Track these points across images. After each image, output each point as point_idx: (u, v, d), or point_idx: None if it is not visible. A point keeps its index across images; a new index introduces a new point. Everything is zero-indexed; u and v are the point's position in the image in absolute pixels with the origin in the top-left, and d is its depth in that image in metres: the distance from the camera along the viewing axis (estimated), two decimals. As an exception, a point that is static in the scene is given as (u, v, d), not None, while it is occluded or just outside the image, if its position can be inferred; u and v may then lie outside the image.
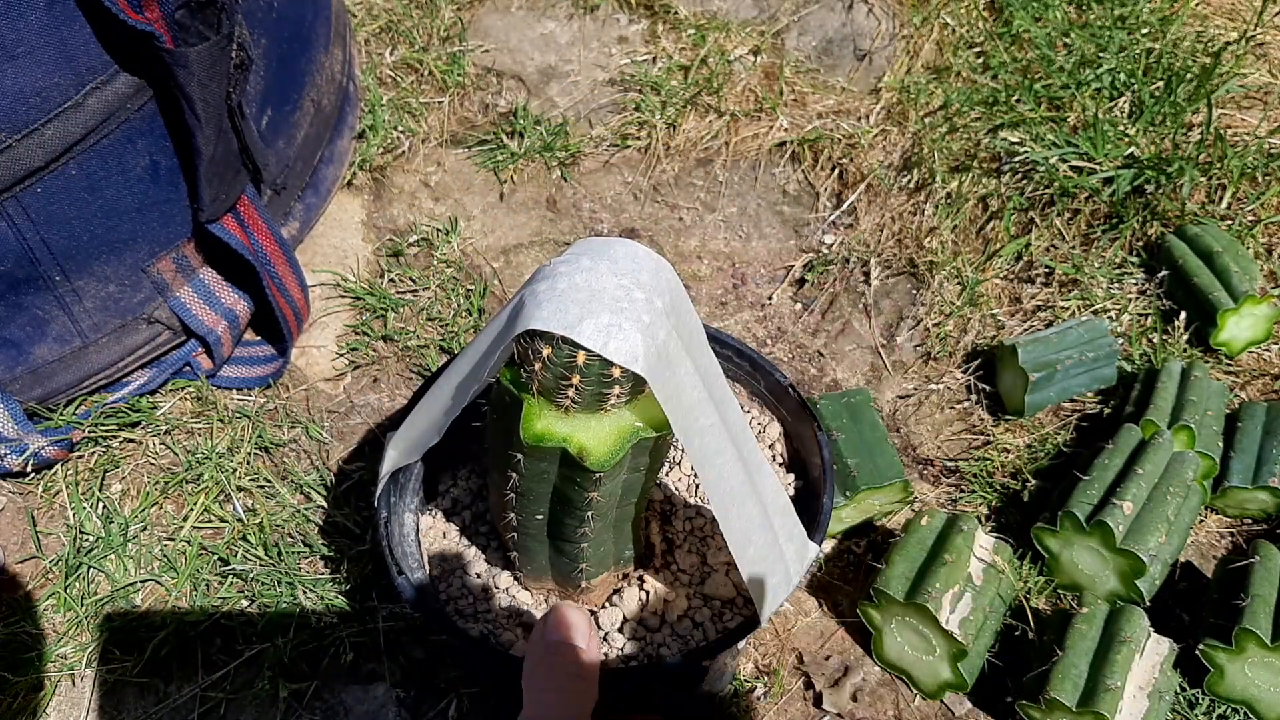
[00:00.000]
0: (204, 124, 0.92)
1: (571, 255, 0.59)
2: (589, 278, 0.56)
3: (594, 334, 0.54)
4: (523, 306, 0.57)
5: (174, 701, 0.96)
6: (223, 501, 1.09)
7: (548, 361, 0.57)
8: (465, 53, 1.54)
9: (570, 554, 0.75)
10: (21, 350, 1.02)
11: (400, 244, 1.33)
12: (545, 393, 0.60)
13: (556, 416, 0.61)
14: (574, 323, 0.54)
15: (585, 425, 0.61)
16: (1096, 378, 1.17)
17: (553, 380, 0.58)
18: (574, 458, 0.61)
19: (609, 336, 0.55)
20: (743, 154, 1.46)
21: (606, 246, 0.59)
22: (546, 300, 0.55)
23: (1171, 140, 1.33)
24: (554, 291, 0.56)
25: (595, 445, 0.61)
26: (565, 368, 0.57)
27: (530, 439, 0.60)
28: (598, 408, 0.61)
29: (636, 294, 0.57)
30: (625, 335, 0.55)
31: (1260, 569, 0.94)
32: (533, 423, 0.61)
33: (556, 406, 0.60)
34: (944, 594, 0.90)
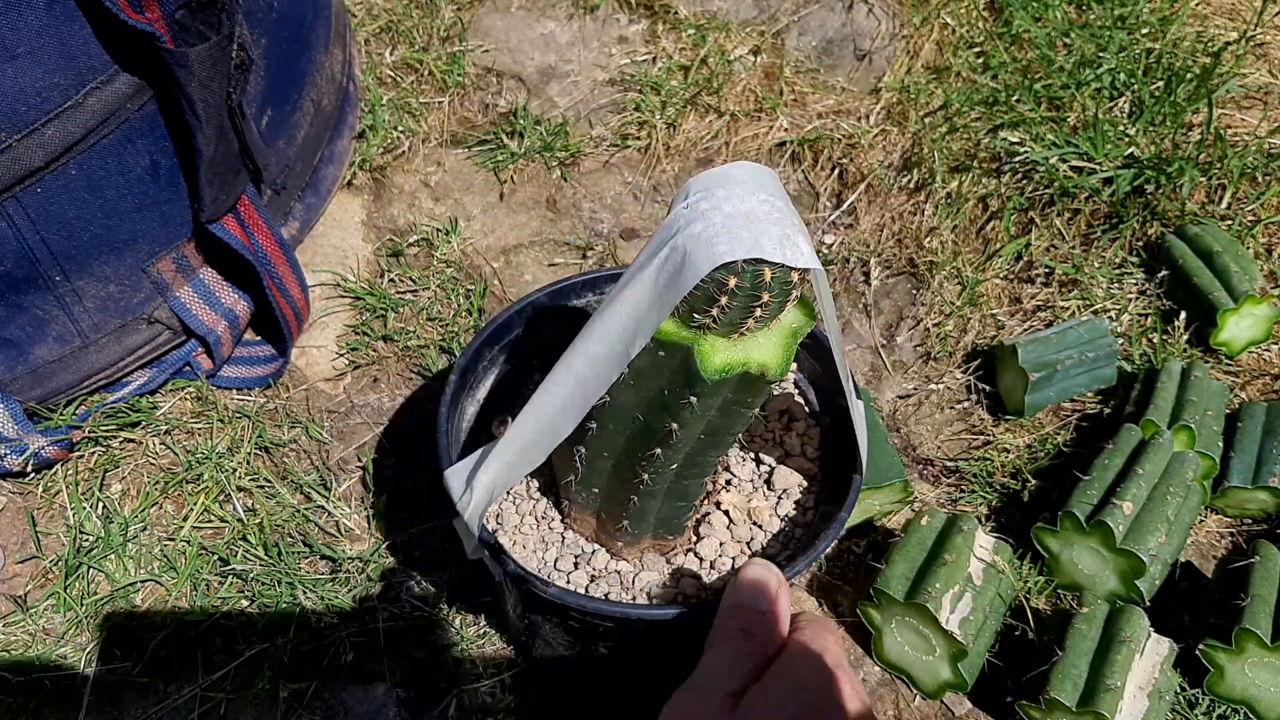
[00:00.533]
0: (204, 124, 0.92)
1: (702, 191, 0.59)
2: (735, 204, 0.57)
3: (774, 248, 0.56)
4: (689, 253, 0.56)
5: (174, 701, 0.96)
6: (223, 501, 1.09)
7: (735, 291, 0.57)
8: (465, 53, 1.54)
9: (691, 493, 0.76)
10: (21, 350, 1.02)
11: (400, 244, 1.33)
12: (728, 324, 0.60)
13: (729, 346, 0.62)
14: (754, 244, 0.55)
15: (755, 344, 0.63)
16: (1096, 378, 1.17)
17: (742, 306, 0.59)
18: (754, 377, 0.63)
19: (785, 246, 0.56)
20: (743, 154, 1.46)
21: (728, 174, 0.59)
22: (715, 235, 0.56)
23: (1171, 140, 1.34)
24: (715, 226, 0.56)
25: (771, 357, 0.63)
26: (754, 289, 0.57)
27: (715, 374, 0.62)
28: (776, 319, 0.62)
29: (778, 203, 0.58)
30: (795, 242, 0.57)
31: (1260, 569, 0.94)
32: (711, 359, 0.62)
33: (731, 336, 0.62)
34: (944, 594, 0.90)
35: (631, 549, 0.83)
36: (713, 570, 0.85)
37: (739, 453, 0.91)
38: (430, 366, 1.22)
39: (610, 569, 0.84)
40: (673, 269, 0.58)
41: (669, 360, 0.63)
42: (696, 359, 0.61)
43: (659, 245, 0.59)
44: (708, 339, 0.62)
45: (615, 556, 0.85)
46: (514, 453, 0.71)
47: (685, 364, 0.63)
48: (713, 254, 0.55)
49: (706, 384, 0.62)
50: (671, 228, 0.58)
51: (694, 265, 0.56)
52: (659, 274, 0.59)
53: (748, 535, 0.86)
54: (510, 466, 0.71)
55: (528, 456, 0.69)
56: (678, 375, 0.64)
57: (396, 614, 1.01)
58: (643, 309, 0.60)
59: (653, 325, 0.60)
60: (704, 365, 0.61)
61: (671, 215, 0.59)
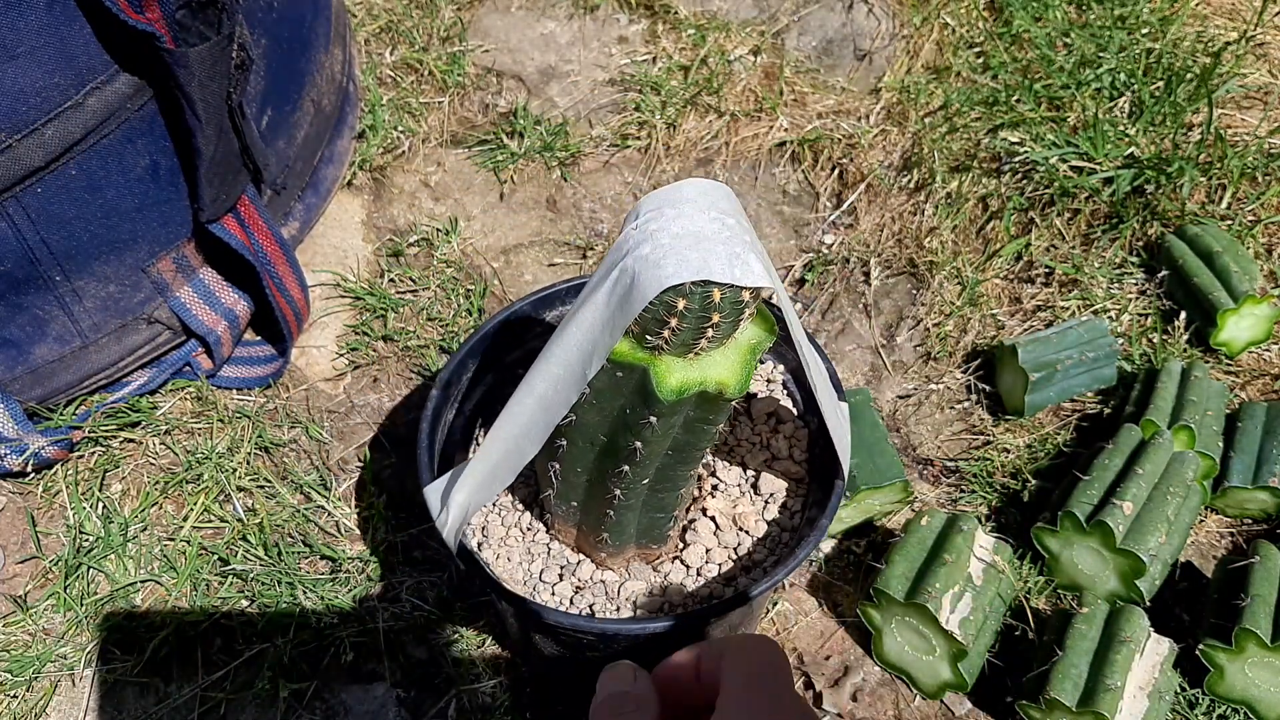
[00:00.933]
0: (205, 124, 0.92)
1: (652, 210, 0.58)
2: (683, 224, 0.57)
3: (723, 269, 0.55)
4: (637, 275, 0.56)
5: (174, 701, 0.96)
6: (223, 501, 1.09)
7: (684, 313, 0.57)
8: (465, 53, 1.54)
9: (668, 505, 0.76)
10: (22, 350, 1.02)
11: (400, 244, 1.33)
12: (680, 345, 0.60)
13: (686, 366, 0.62)
14: (701, 266, 0.55)
15: (712, 363, 0.63)
16: (1096, 378, 1.17)
17: (692, 328, 0.59)
18: (713, 396, 0.63)
19: (734, 265, 0.56)
20: (743, 154, 1.46)
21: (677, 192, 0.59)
22: (662, 257, 0.55)
23: (1171, 140, 1.33)
24: (663, 247, 0.56)
25: (729, 375, 0.63)
26: (704, 310, 0.57)
27: (671, 395, 0.61)
28: (729, 338, 0.62)
29: (729, 221, 0.58)
30: (745, 260, 0.56)
31: (1260, 569, 0.94)
32: (667, 380, 0.62)
33: (686, 356, 0.62)
34: (944, 594, 0.90)
35: (616, 559, 0.83)
36: (699, 576, 0.84)
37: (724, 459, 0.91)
38: (430, 366, 1.22)
39: (596, 579, 0.84)
40: (622, 291, 0.58)
41: (627, 380, 0.63)
42: (652, 380, 0.61)
43: (610, 266, 0.58)
44: (663, 359, 0.61)
45: (600, 566, 0.84)
46: (484, 472, 0.72)
47: (642, 384, 0.62)
48: (660, 276, 0.55)
49: (663, 404, 0.62)
50: (621, 248, 0.58)
51: (642, 288, 0.56)
52: (610, 296, 0.59)
53: (734, 541, 0.86)
54: (481, 486, 0.72)
55: (498, 475, 0.70)
56: (636, 395, 0.64)
57: (396, 614, 1.01)
58: (596, 330, 0.60)
59: (606, 347, 0.60)
60: (660, 386, 0.61)
61: (622, 235, 0.59)
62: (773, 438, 0.92)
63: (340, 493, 1.11)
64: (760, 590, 0.76)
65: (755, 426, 0.93)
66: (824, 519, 0.79)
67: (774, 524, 0.87)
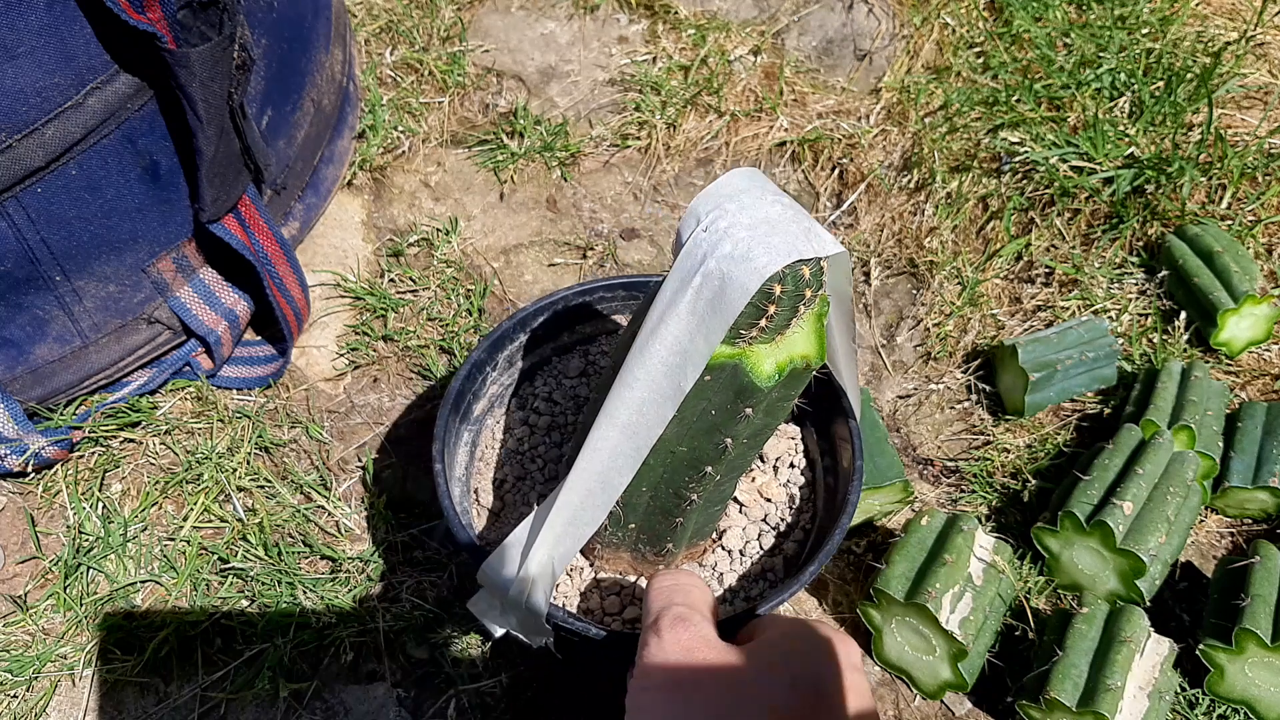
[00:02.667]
0: (206, 124, 0.92)
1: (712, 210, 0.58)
2: (751, 214, 0.57)
3: (806, 245, 0.56)
4: (727, 275, 0.55)
5: (174, 701, 0.96)
6: (223, 501, 1.09)
7: (781, 297, 0.57)
8: (465, 53, 1.54)
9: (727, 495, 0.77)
10: (21, 350, 1.02)
11: (400, 244, 1.33)
12: (774, 331, 0.61)
13: (772, 351, 0.62)
14: (789, 248, 0.55)
15: (790, 343, 0.63)
16: (1096, 378, 1.17)
17: (788, 308, 0.59)
18: (800, 371, 0.63)
19: (812, 240, 0.56)
20: (743, 154, 1.46)
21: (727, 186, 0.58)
22: (749, 251, 0.55)
23: (1171, 140, 1.34)
24: (744, 241, 0.56)
25: (808, 347, 0.63)
26: (797, 289, 0.57)
27: (769, 381, 0.62)
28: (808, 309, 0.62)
29: (784, 199, 0.58)
30: (817, 232, 0.57)
31: (1260, 569, 0.94)
32: (761, 368, 0.62)
33: (774, 340, 0.62)
34: (944, 594, 0.90)
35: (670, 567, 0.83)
36: (744, 557, 0.85)
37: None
38: (430, 366, 1.22)
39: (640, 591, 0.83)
40: (711, 295, 0.56)
41: (714, 382, 0.62)
42: (748, 372, 0.61)
43: (688, 274, 0.57)
44: (753, 349, 0.61)
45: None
46: (566, 519, 0.66)
47: (734, 380, 0.62)
48: (755, 268, 0.55)
49: (762, 392, 0.62)
50: (696, 254, 0.57)
51: (739, 285, 0.55)
52: (696, 303, 0.57)
53: (761, 513, 0.87)
54: (568, 536, 0.66)
55: (584, 519, 0.65)
56: (727, 393, 0.63)
57: (396, 614, 1.01)
58: (685, 341, 0.58)
59: (703, 356, 0.58)
60: (757, 375, 0.61)
61: (691, 241, 0.57)
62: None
63: (340, 493, 1.11)
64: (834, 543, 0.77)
65: None
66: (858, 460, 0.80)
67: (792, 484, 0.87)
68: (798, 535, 0.86)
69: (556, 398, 0.96)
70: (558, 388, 0.97)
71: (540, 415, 0.95)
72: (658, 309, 0.59)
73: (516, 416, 0.95)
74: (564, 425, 0.95)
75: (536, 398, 0.96)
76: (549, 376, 0.98)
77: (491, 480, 0.92)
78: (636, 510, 0.74)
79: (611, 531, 0.78)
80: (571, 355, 0.99)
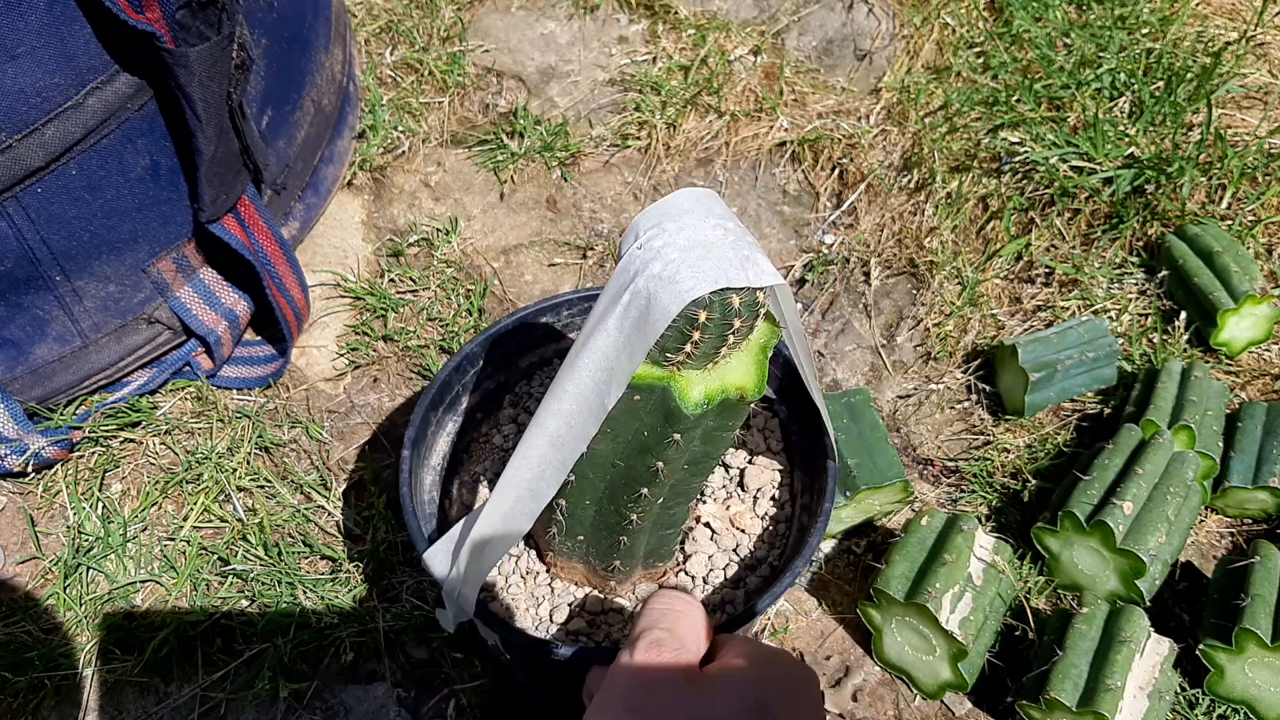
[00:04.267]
0: (205, 124, 0.92)
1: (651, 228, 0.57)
2: (689, 235, 0.56)
3: (738, 272, 0.55)
4: (653, 296, 0.55)
5: (174, 701, 0.96)
6: (223, 501, 1.09)
7: (706, 324, 0.56)
8: (465, 53, 1.54)
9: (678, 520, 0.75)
10: (22, 350, 1.02)
11: (400, 244, 1.33)
12: (701, 357, 0.59)
13: (704, 378, 0.61)
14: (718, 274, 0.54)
15: (729, 370, 0.62)
16: (1096, 378, 1.17)
17: (715, 336, 0.58)
18: (734, 402, 0.62)
19: (747, 268, 0.55)
20: (743, 154, 1.46)
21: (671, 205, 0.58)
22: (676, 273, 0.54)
23: (1171, 140, 1.33)
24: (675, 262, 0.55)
25: (747, 378, 0.62)
26: (724, 318, 0.56)
27: (697, 408, 0.61)
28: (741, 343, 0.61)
29: (729, 225, 0.57)
30: (755, 261, 0.56)
31: (1260, 569, 0.94)
32: (690, 394, 0.61)
33: (705, 366, 0.61)
34: (944, 594, 0.90)
35: (624, 585, 0.82)
36: (706, 585, 0.84)
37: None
38: (430, 366, 1.22)
39: (608, 608, 0.83)
40: (638, 314, 0.56)
41: (645, 403, 0.62)
42: (675, 397, 0.60)
43: (619, 290, 0.57)
44: (683, 374, 0.61)
45: (609, 595, 0.83)
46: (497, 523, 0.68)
47: (663, 403, 0.61)
48: (679, 291, 0.54)
49: (689, 419, 0.61)
50: (629, 271, 0.56)
51: (661, 306, 0.54)
52: (624, 320, 0.57)
53: (733, 542, 0.85)
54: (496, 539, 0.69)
55: (512, 525, 0.67)
56: (656, 416, 0.63)
57: (396, 614, 1.01)
58: (611, 358, 0.58)
59: (626, 373, 0.58)
60: (684, 401, 0.60)
61: (626, 258, 0.57)
62: (745, 434, 0.91)
63: (340, 493, 1.11)
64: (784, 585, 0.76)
65: None
66: (825, 503, 0.78)
67: (768, 518, 0.86)
68: (764, 570, 0.84)
69: None
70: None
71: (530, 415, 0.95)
72: (590, 322, 0.59)
73: (507, 414, 0.95)
74: None
75: (530, 398, 0.96)
76: (546, 378, 0.98)
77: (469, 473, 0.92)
78: (583, 524, 0.74)
79: (561, 541, 0.78)
80: None
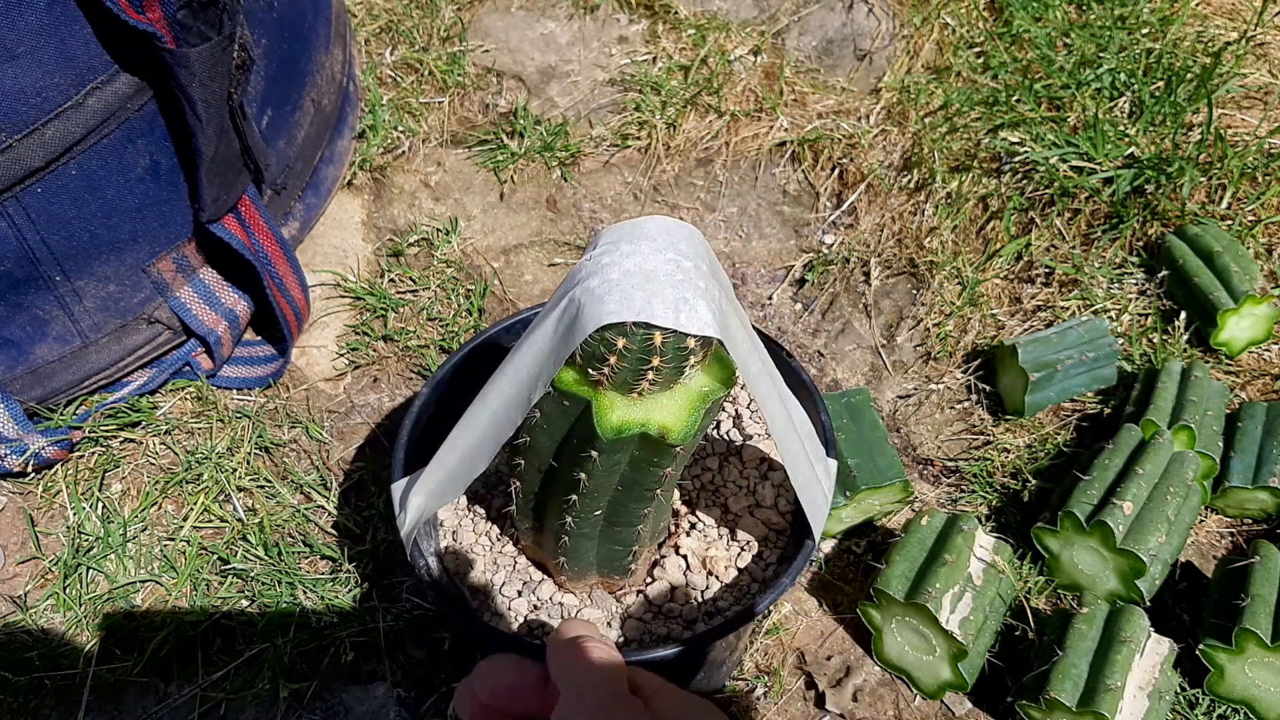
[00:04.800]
0: (206, 124, 0.92)
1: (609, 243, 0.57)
2: (637, 261, 0.56)
3: (666, 312, 0.54)
4: (581, 307, 0.55)
5: (174, 701, 0.96)
6: (223, 501, 1.09)
7: (623, 352, 0.56)
8: (465, 53, 1.54)
9: (625, 540, 0.75)
10: (22, 350, 1.02)
11: (400, 244, 1.33)
12: (620, 384, 0.59)
13: (629, 404, 0.61)
14: (643, 306, 0.54)
15: (658, 405, 0.61)
16: (1096, 378, 1.17)
17: (631, 368, 0.58)
18: (655, 439, 0.61)
19: (679, 311, 0.55)
20: (743, 154, 1.46)
21: (638, 227, 0.58)
22: (607, 293, 0.55)
23: (1171, 140, 1.34)
24: (610, 283, 0.55)
25: (674, 420, 0.61)
26: (643, 352, 0.56)
27: (610, 432, 0.60)
28: (674, 383, 0.61)
29: (685, 264, 0.57)
30: (693, 306, 0.55)
31: (1260, 569, 0.94)
32: (608, 416, 0.60)
33: (629, 394, 0.60)
34: (944, 594, 0.90)
35: (576, 583, 0.82)
36: (660, 615, 0.83)
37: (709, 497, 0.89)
38: (431, 367, 1.22)
39: (555, 600, 0.83)
40: (568, 321, 0.57)
41: (573, 410, 0.62)
42: (593, 415, 0.60)
43: (564, 293, 0.58)
44: (606, 395, 0.61)
45: (562, 589, 0.83)
46: (438, 480, 0.71)
47: (585, 417, 0.61)
48: (600, 312, 0.54)
49: (600, 440, 0.61)
50: (574, 277, 0.57)
51: (583, 321, 0.55)
52: (558, 324, 0.58)
53: (702, 584, 0.84)
54: (434, 494, 0.71)
55: (450, 485, 0.70)
56: (580, 427, 0.63)
57: (397, 614, 1.01)
58: (543, 356, 0.60)
59: (550, 375, 0.59)
60: (600, 422, 0.60)
61: (579, 264, 0.58)
62: (760, 484, 0.90)
63: (340, 492, 1.11)
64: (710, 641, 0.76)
65: (744, 470, 0.92)
66: (785, 578, 0.77)
67: (745, 572, 0.85)
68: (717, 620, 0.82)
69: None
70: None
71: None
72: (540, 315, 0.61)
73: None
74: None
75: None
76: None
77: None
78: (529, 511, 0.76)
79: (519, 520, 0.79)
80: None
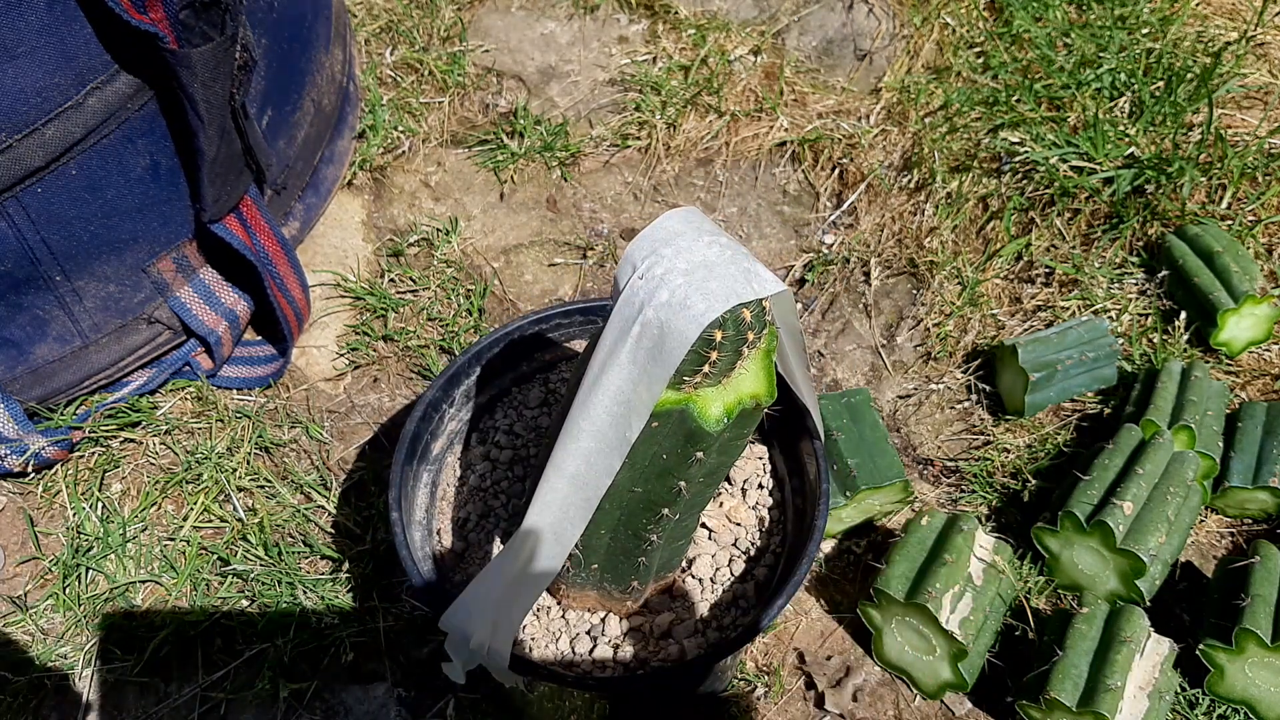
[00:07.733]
0: (207, 125, 0.92)
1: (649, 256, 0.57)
2: (687, 257, 0.56)
3: (745, 287, 0.55)
4: (665, 324, 0.54)
5: (174, 701, 0.96)
6: (223, 501, 1.09)
7: (722, 342, 0.57)
8: (465, 53, 1.54)
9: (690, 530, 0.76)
10: (22, 350, 1.02)
11: (400, 244, 1.33)
12: (719, 375, 0.60)
13: (720, 392, 0.62)
14: (728, 293, 0.54)
15: (740, 381, 0.62)
16: (1096, 378, 1.17)
17: (731, 352, 0.58)
18: (751, 409, 0.62)
19: (752, 281, 0.55)
20: (743, 154, 1.46)
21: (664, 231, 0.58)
22: (686, 298, 0.54)
23: (1171, 140, 1.34)
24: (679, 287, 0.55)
25: (760, 385, 0.63)
26: (738, 333, 0.57)
27: (717, 424, 0.61)
28: (751, 352, 0.61)
29: (722, 240, 0.57)
30: (756, 271, 0.56)
31: (1260, 569, 0.94)
32: (709, 412, 0.61)
33: (721, 382, 0.61)
34: (944, 594, 0.90)
35: (638, 602, 0.82)
36: (714, 585, 0.84)
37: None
38: (430, 366, 1.22)
39: (630, 629, 0.82)
40: (651, 344, 0.56)
41: (662, 428, 0.62)
42: (695, 417, 0.61)
43: (626, 323, 0.56)
44: (699, 394, 0.61)
45: (625, 617, 0.83)
46: (517, 571, 0.66)
47: (683, 424, 0.62)
48: (693, 316, 0.54)
49: (711, 436, 0.62)
50: (633, 303, 0.56)
51: (677, 334, 0.54)
52: (636, 352, 0.57)
53: (731, 537, 0.85)
54: (524, 589, 0.66)
55: (538, 572, 0.65)
56: (676, 438, 0.63)
57: (397, 614, 1.01)
58: (628, 391, 0.58)
59: (646, 405, 0.58)
60: (705, 420, 0.61)
61: (628, 289, 0.57)
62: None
63: (340, 493, 1.11)
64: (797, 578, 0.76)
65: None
66: (822, 483, 0.78)
67: (761, 507, 0.86)
68: (768, 559, 0.84)
69: (518, 429, 0.96)
70: (518, 419, 0.96)
71: (502, 449, 0.94)
72: (599, 358, 0.58)
73: (477, 452, 0.94)
74: (526, 458, 0.93)
75: (497, 430, 0.96)
76: (509, 408, 0.98)
77: (452, 520, 0.91)
78: (597, 552, 0.74)
79: (575, 573, 0.78)
80: (531, 385, 0.98)
